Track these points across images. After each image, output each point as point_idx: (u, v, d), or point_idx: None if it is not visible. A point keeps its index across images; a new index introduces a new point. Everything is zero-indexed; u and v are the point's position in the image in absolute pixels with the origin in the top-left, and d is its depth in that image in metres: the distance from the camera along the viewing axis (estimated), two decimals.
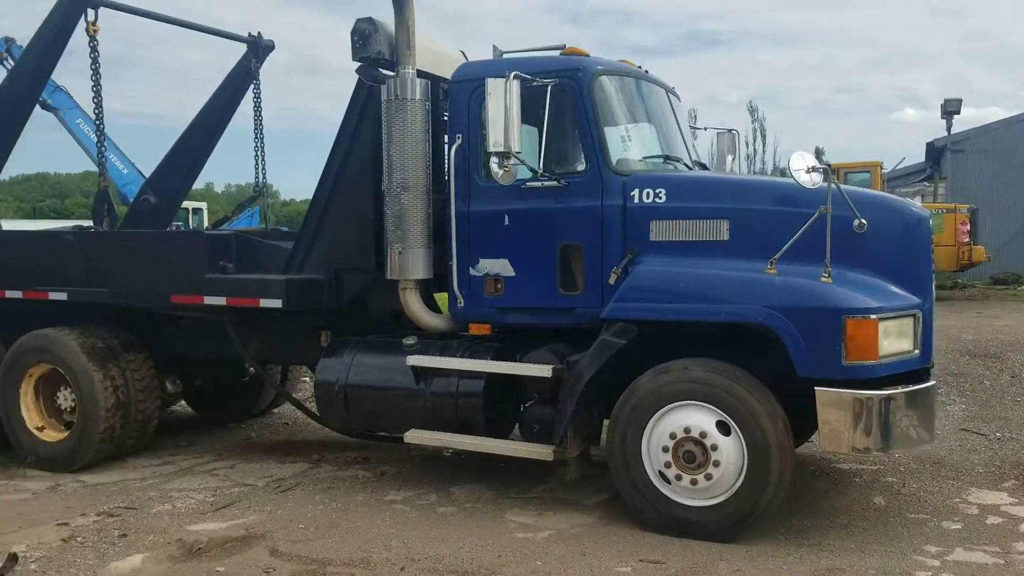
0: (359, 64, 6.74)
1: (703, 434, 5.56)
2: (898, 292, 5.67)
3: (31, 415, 7.71)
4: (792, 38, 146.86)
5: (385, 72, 6.63)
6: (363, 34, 6.62)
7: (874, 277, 5.67)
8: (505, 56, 6.81)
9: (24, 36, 9.89)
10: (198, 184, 12.44)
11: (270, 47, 9.98)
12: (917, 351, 5.64)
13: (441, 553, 5.46)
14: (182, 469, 7.60)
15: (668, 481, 5.69)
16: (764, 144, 40.32)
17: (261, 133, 10.29)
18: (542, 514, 6.15)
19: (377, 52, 6.57)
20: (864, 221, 5.54)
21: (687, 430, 5.59)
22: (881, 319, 5.41)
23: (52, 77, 11.78)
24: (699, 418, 5.60)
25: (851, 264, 5.64)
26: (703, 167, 7.15)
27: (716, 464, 5.53)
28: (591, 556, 5.36)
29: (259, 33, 9.85)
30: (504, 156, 5.74)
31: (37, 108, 11.22)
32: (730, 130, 7.88)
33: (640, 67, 6.97)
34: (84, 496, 6.75)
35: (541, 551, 5.48)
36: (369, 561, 5.34)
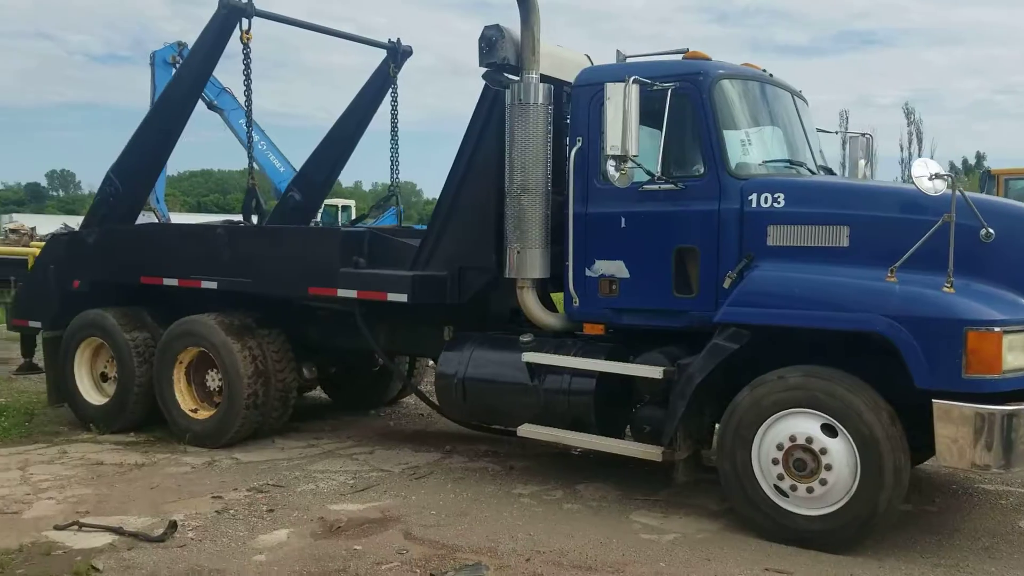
0: (485, 69, 6.96)
1: (810, 440, 5.49)
2: (1021, 304, 5.44)
3: (184, 398, 8.37)
4: (953, 37, 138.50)
5: (510, 77, 6.83)
6: (490, 40, 6.82)
7: (1001, 289, 5.49)
8: (629, 60, 6.90)
9: (193, 41, 10.41)
10: (347, 182, 13.11)
11: (408, 52, 10.38)
12: None
13: (566, 547, 5.57)
14: (325, 452, 7.99)
15: (784, 494, 5.61)
16: (920, 148, 38.40)
17: (396, 135, 10.67)
18: (667, 517, 6.17)
19: (503, 58, 6.77)
20: (991, 231, 5.41)
21: (793, 439, 5.54)
22: (1006, 332, 5.22)
23: (217, 79, 12.58)
24: (803, 425, 5.53)
25: (977, 274, 5.49)
26: (829, 172, 7.04)
27: (828, 468, 5.45)
28: (716, 562, 5.35)
29: (398, 39, 10.30)
30: (621, 159, 5.79)
31: (203, 108, 12.05)
32: (863, 134, 7.73)
33: (765, 71, 6.92)
34: (237, 472, 7.21)
35: (665, 553, 5.50)
36: (496, 550, 5.50)
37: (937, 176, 5.31)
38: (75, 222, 10.55)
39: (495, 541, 5.66)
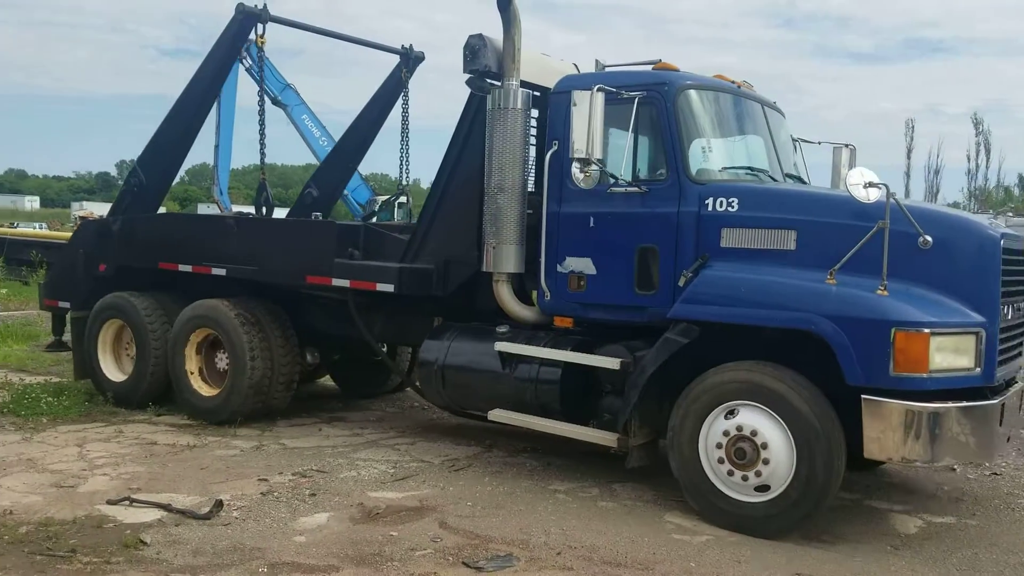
0: (468, 76, 7.37)
1: (753, 432, 5.88)
2: (960, 309, 5.74)
3: (195, 377, 9.03)
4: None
5: (492, 83, 7.21)
6: (473, 49, 7.22)
7: (937, 294, 5.79)
8: (607, 69, 7.39)
9: (267, 38, 11.11)
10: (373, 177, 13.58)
11: (420, 58, 10.93)
12: (978, 369, 5.68)
13: (597, 543, 5.64)
14: (369, 441, 8.19)
15: (723, 477, 6.04)
16: (988, 158, 37.33)
17: (407, 137, 11.28)
18: (701, 519, 6.18)
19: (485, 65, 7.17)
20: (929, 238, 5.71)
21: (739, 428, 5.93)
22: (934, 334, 5.54)
23: (281, 76, 13.10)
24: (749, 416, 5.92)
25: (916, 279, 5.82)
26: (799, 180, 7.42)
27: (766, 461, 5.84)
28: (746, 564, 5.38)
29: (410, 46, 10.84)
30: (585, 162, 6.28)
31: (267, 104, 12.53)
32: (847, 144, 8.02)
33: (741, 83, 7.38)
34: (283, 456, 7.42)
35: (696, 553, 5.54)
36: (528, 543, 5.59)
37: (871, 184, 5.67)
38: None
39: (528, 534, 5.75)
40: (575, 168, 6.45)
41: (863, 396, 5.59)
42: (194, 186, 76.76)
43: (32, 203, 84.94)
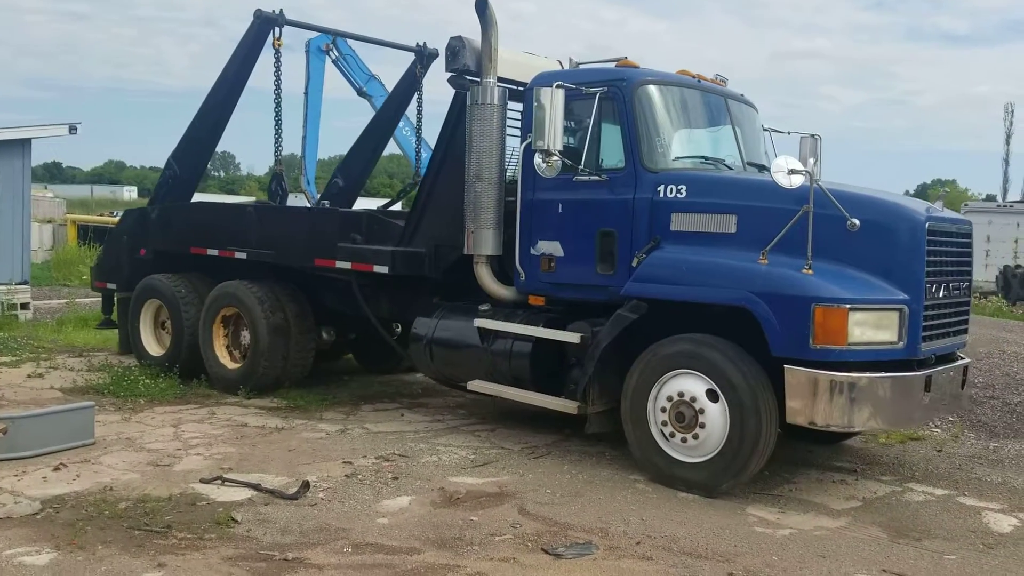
0: (450, 74, 8.09)
1: (693, 399, 6.53)
2: (883, 287, 6.28)
3: (221, 351, 9.96)
4: None
5: (472, 80, 7.89)
6: (453, 50, 7.93)
7: (865, 273, 6.33)
8: (581, 67, 8.03)
9: (349, 30, 11.81)
10: None
11: (434, 55, 11.33)
12: (902, 343, 6.25)
13: (677, 534, 5.61)
14: (449, 427, 8.31)
15: (666, 438, 6.71)
16: None
17: (420, 131, 11.94)
18: (784, 512, 6.11)
19: (464, 65, 7.90)
20: (856, 221, 6.13)
21: (681, 394, 6.60)
22: (852, 309, 6.08)
23: (366, 66, 13.68)
24: (691, 385, 6.57)
25: (845, 260, 6.35)
26: (761, 168, 7.91)
27: (703, 426, 6.48)
28: (831, 559, 5.28)
29: (424, 43, 11.32)
30: (547, 153, 6.86)
31: (353, 95, 13.17)
32: (812, 135, 8.36)
33: (714, 78, 8.03)
34: (367, 441, 7.60)
35: (778, 547, 5.47)
36: (607, 531, 5.60)
37: (793, 171, 6.16)
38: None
39: (607, 523, 5.75)
40: (538, 158, 7.00)
41: (786, 366, 6.16)
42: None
43: (130, 193, 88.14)
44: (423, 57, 11.50)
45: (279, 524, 5.63)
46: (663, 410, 6.64)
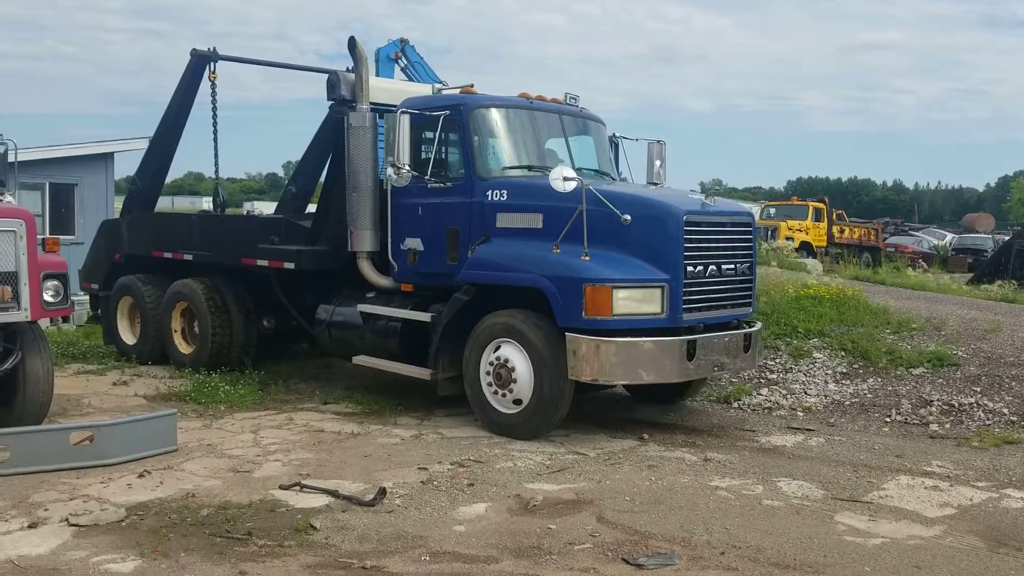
0: (331, 103, 10.08)
1: (507, 360, 8.30)
2: (648, 268, 7.93)
3: (179, 338, 11.84)
4: None
5: (349, 107, 9.72)
6: (331, 83, 9.93)
7: (634, 258, 7.98)
8: (443, 92, 9.79)
9: (414, 38, 12.84)
10: None
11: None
12: (664, 314, 7.95)
13: (763, 544, 5.49)
14: None
15: (492, 395, 8.43)
16: None
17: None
18: (875, 520, 5.95)
19: (341, 95, 9.85)
20: (628, 217, 7.87)
21: (499, 358, 8.37)
22: (615, 287, 7.77)
23: (434, 72, 14.15)
24: (508, 351, 8.33)
25: (622, 248, 7.99)
26: (602, 175, 9.67)
27: (515, 381, 8.23)
28: (926, 571, 5.19)
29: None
30: (396, 167, 8.84)
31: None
32: (659, 140, 10.38)
33: (547, 98, 9.60)
34: (441, 446, 7.66)
35: (870, 557, 5.31)
36: (690, 541, 5.49)
37: (567, 178, 7.81)
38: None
39: (689, 532, 5.63)
40: (390, 170, 8.95)
41: (566, 334, 7.89)
42: None
43: (208, 204, 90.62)
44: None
45: (357, 531, 5.68)
46: (487, 372, 8.47)
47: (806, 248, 30.69)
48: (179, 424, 8.15)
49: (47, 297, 8.14)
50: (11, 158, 9.56)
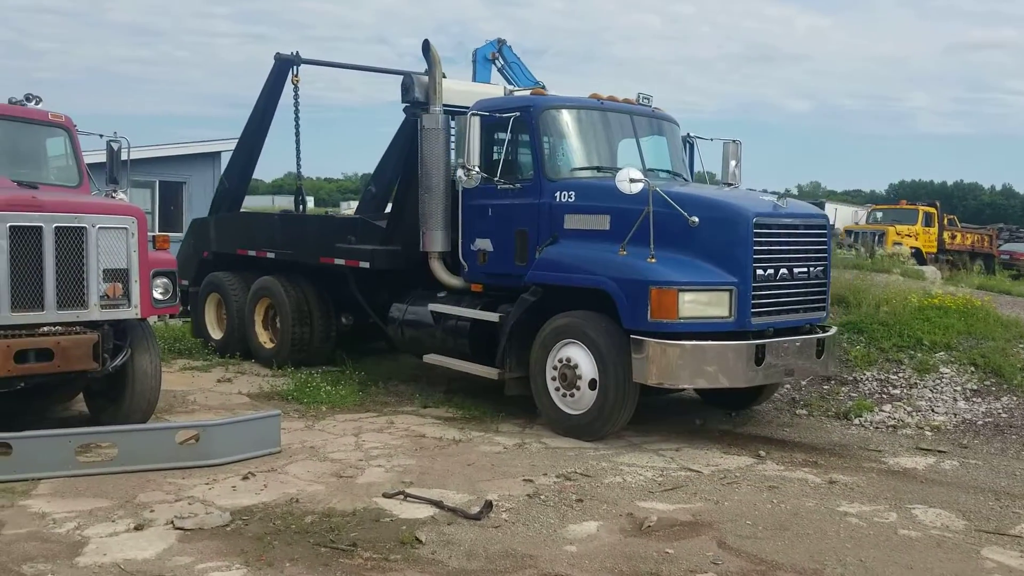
0: (405, 105, 10.20)
1: (572, 361, 8.32)
2: (716, 271, 7.80)
3: (261, 334, 12.30)
4: None
5: (423, 109, 9.91)
6: (405, 86, 10.03)
7: (701, 261, 7.86)
8: (515, 94, 10.15)
9: (513, 40, 14.39)
10: None
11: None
12: (732, 318, 7.83)
13: None
14: (631, 444, 8.13)
15: (558, 396, 8.45)
16: None
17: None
18: None
19: (414, 98, 9.93)
20: (695, 219, 7.76)
21: (565, 359, 8.40)
22: (681, 290, 7.66)
23: (531, 73, 14.39)
24: (574, 352, 8.36)
25: (688, 250, 7.88)
26: (673, 175, 9.65)
27: (580, 383, 8.24)
28: None
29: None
30: (466, 168, 8.89)
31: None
32: (734, 140, 10.19)
33: (619, 99, 9.49)
34: (546, 457, 7.42)
35: None
36: (822, 573, 5.07)
37: (633, 180, 7.69)
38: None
39: (820, 563, 5.26)
40: (461, 172, 9.01)
41: (631, 335, 7.82)
42: None
43: (309, 202, 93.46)
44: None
45: (464, 547, 5.45)
46: (553, 373, 8.52)
47: (916, 255, 29.44)
48: (282, 424, 8.08)
49: (157, 294, 8.14)
50: (124, 156, 9.53)
